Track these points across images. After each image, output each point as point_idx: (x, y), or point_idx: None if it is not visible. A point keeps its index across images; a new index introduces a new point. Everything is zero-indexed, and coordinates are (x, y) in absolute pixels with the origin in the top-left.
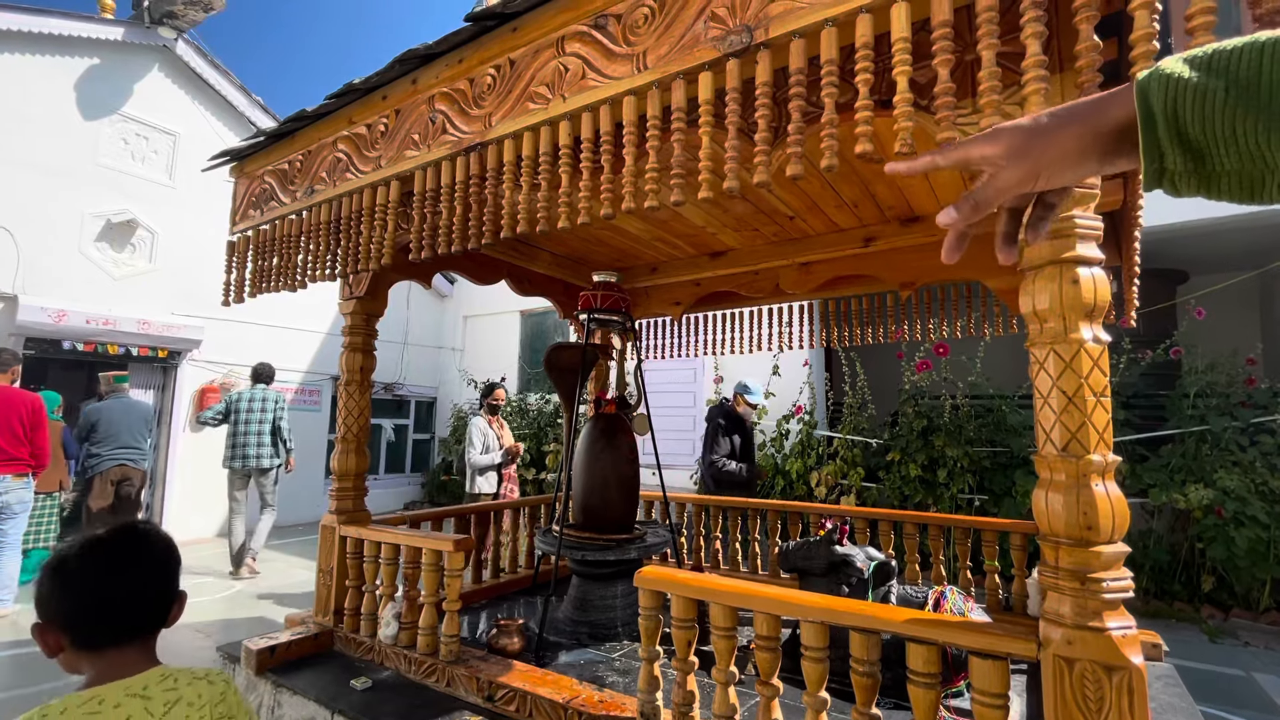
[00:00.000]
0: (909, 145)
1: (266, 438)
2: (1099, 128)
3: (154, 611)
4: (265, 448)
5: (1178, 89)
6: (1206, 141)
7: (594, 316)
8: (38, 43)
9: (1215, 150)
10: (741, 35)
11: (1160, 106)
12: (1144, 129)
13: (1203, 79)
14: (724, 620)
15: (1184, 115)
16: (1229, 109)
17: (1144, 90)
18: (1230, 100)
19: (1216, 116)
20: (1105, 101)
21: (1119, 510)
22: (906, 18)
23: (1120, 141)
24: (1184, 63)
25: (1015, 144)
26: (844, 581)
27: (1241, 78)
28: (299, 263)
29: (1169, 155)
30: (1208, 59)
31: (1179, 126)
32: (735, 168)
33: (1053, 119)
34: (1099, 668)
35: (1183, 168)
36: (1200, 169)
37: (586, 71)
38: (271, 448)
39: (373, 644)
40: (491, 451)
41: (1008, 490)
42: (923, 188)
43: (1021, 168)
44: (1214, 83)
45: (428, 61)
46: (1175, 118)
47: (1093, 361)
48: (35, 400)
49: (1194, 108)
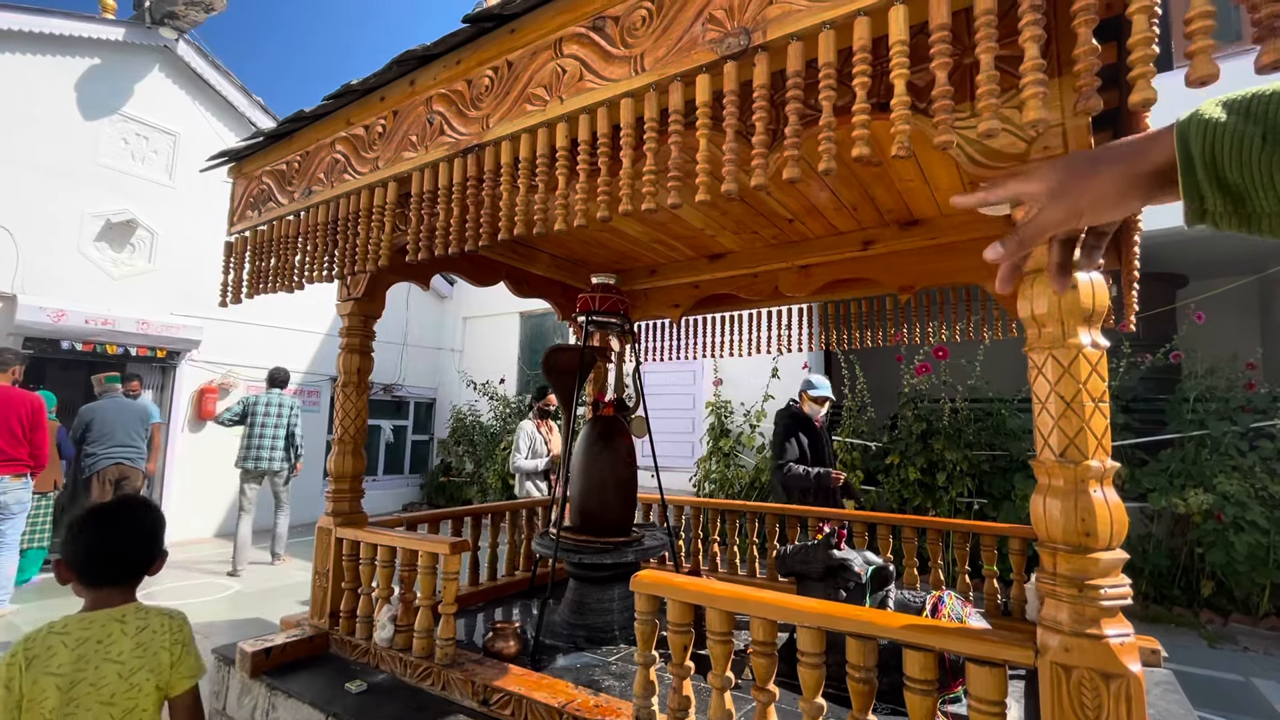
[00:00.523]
0: (906, 149)
1: (281, 441)
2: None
3: (137, 564)
4: (279, 451)
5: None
6: (1245, 185)
7: (592, 319)
8: (39, 43)
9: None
10: (739, 38)
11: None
12: (1184, 172)
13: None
14: (720, 625)
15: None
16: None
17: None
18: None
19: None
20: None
21: (1117, 516)
22: (904, 21)
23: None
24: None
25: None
26: (842, 586)
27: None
28: (296, 264)
29: (1209, 198)
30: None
31: (1217, 170)
32: (733, 170)
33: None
34: (1097, 675)
35: (1223, 209)
36: (1240, 210)
37: (584, 73)
38: (284, 451)
39: (368, 647)
40: (539, 457)
41: (1007, 494)
42: (922, 192)
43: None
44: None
45: (425, 63)
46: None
47: (1091, 367)
48: (35, 400)
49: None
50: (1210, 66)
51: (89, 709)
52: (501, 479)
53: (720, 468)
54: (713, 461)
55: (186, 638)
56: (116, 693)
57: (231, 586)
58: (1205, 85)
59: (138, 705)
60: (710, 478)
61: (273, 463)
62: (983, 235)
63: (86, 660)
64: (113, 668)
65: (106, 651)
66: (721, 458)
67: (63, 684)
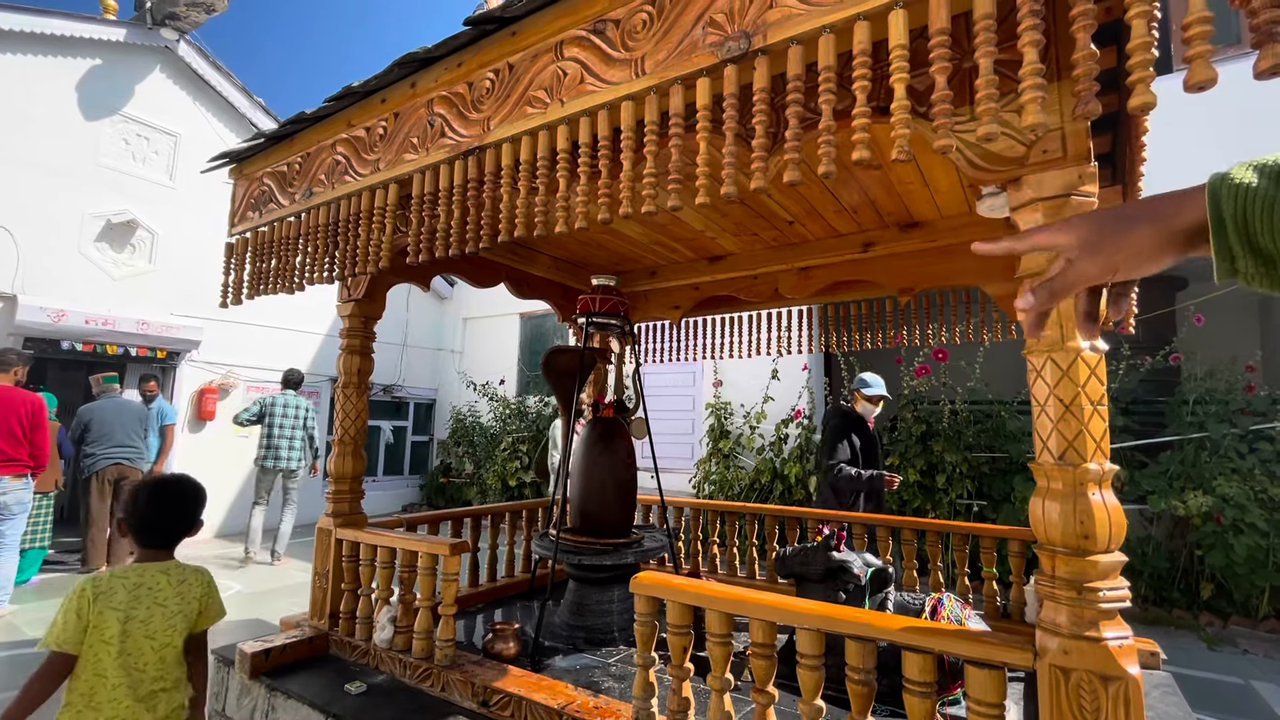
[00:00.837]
0: (906, 153)
1: (298, 442)
2: (1173, 228)
3: (179, 532)
4: (295, 451)
5: (1247, 197)
6: (1276, 249)
7: (592, 320)
8: (40, 43)
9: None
10: (739, 41)
11: (1230, 213)
12: (1215, 233)
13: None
14: (720, 627)
15: (1253, 224)
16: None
17: (1215, 196)
18: None
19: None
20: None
21: (1116, 519)
22: (904, 25)
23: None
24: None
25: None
26: (841, 588)
27: None
28: (297, 265)
29: (1240, 259)
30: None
31: (1248, 233)
32: (733, 173)
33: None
34: (1095, 678)
35: (1254, 270)
36: (1272, 272)
37: (585, 76)
38: (300, 451)
39: (368, 648)
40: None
41: (1006, 496)
42: (922, 195)
43: (1097, 262)
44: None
45: (426, 65)
46: (1245, 225)
47: (1089, 370)
48: (36, 400)
49: (1263, 217)
50: (1208, 71)
51: (136, 641)
52: (501, 480)
53: (720, 469)
54: (712, 463)
55: (214, 590)
56: (158, 630)
57: (231, 587)
58: (1203, 90)
59: (171, 642)
60: (710, 479)
61: (290, 462)
62: (982, 238)
63: (139, 601)
64: (159, 610)
65: (155, 597)
66: (721, 459)
67: (120, 618)
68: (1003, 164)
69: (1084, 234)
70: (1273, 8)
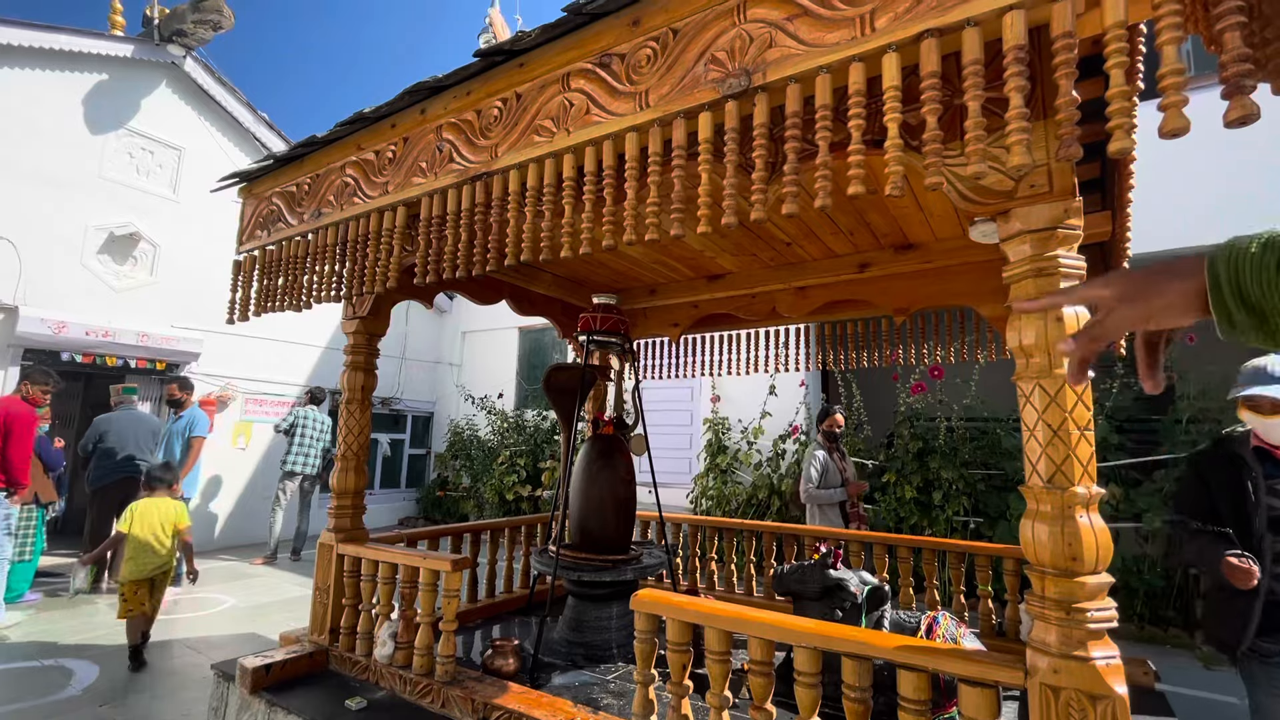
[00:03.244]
0: (900, 189)
1: (318, 451)
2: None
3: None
4: (314, 459)
5: (1240, 260)
6: (1265, 304)
7: (593, 338)
8: (47, 58)
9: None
10: (740, 79)
11: (1225, 274)
12: (1212, 291)
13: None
14: (718, 645)
15: (1245, 283)
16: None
17: (1213, 261)
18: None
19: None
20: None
21: (1103, 541)
22: (897, 67)
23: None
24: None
25: (1127, 291)
26: (838, 606)
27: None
28: (305, 283)
29: (1235, 314)
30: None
31: (1241, 291)
32: (734, 202)
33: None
34: (1084, 697)
35: (1247, 324)
36: (1264, 326)
37: (591, 107)
38: (317, 460)
39: (368, 664)
40: (833, 487)
41: (1002, 513)
42: (917, 218)
43: (1135, 311)
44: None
45: (436, 93)
46: (1238, 284)
47: (1077, 396)
48: (10, 412)
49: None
50: (1181, 120)
51: (151, 530)
52: (498, 494)
53: (718, 484)
54: (710, 478)
55: (183, 510)
56: (157, 525)
57: (225, 601)
58: (1177, 137)
59: (164, 530)
60: (707, 494)
61: (310, 468)
62: (976, 260)
63: (152, 511)
64: (159, 516)
65: (159, 510)
66: (719, 474)
67: (146, 519)
68: (992, 197)
69: (1122, 289)
70: (1241, 61)
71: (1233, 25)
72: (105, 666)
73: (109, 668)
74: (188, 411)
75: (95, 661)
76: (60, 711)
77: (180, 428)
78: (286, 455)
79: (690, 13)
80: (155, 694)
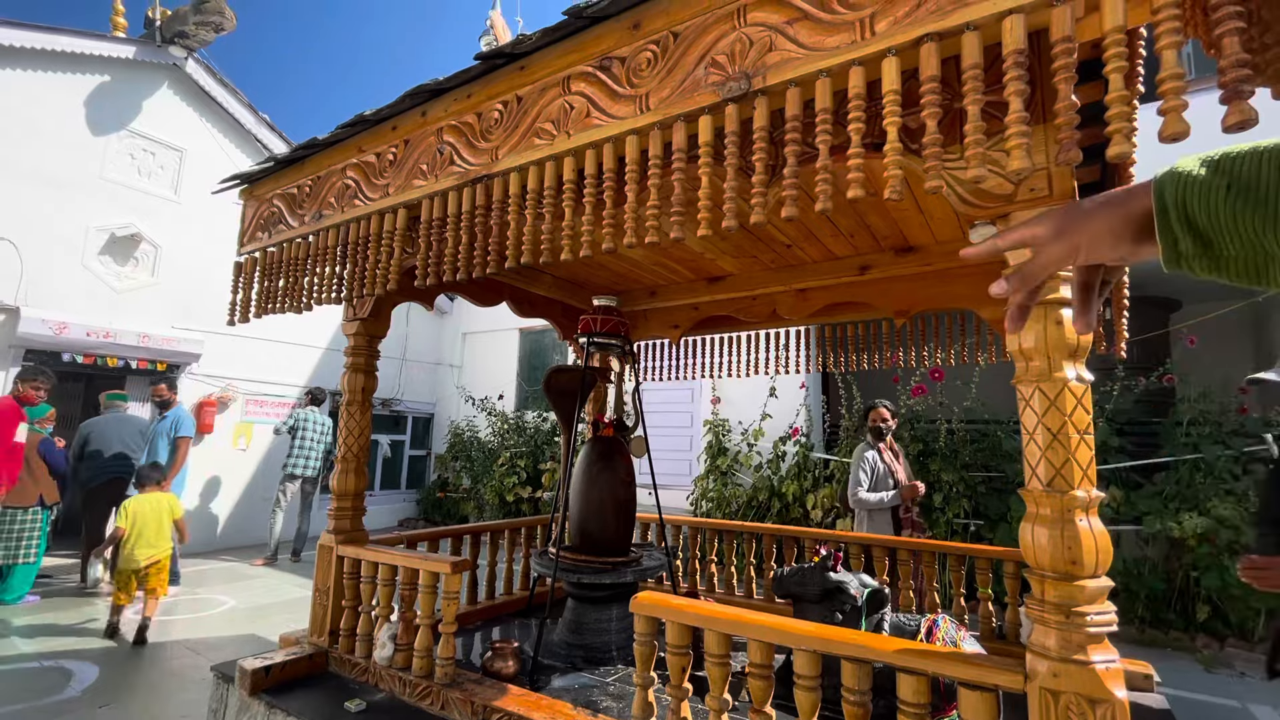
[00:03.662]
0: (899, 193)
1: (319, 452)
2: (1129, 213)
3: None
4: (315, 461)
5: (1187, 184)
6: (1212, 230)
7: (593, 340)
8: (50, 59)
9: (1220, 238)
10: (740, 82)
11: (1172, 198)
12: (1159, 216)
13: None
14: (718, 647)
15: (1192, 206)
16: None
17: (1160, 185)
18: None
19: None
20: (1134, 191)
21: (1102, 545)
22: (897, 71)
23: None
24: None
25: (1058, 225)
26: (838, 608)
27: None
28: (305, 285)
29: (1181, 240)
30: (1215, 161)
31: (1188, 215)
32: (734, 205)
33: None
34: (1083, 700)
35: (1193, 251)
36: (1209, 253)
37: (591, 110)
38: (318, 461)
39: (368, 665)
40: (882, 490)
41: (1003, 515)
42: (917, 220)
43: (1062, 244)
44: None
45: (437, 95)
46: (1184, 207)
47: (1076, 400)
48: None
49: (1200, 200)
50: (1181, 124)
51: (150, 522)
52: (499, 495)
53: (718, 486)
54: (710, 480)
55: (176, 499)
56: (152, 517)
57: (226, 602)
58: (1177, 141)
59: (164, 522)
60: (708, 496)
61: (310, 470)
62: (976, 262)
63: (146, 505)
64: (155, 509)
65: (154, 504)
66: (719, 476)
67: (144, 513)
68: (992, 200)
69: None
70: (1239, 66)
71: (1231, 30)
72: (105, 667)
73: (109, 668)
74: (172, 411)
75: (95, 662)
76: (60, 712)
77: (165, 427)
78: (288, 458)
79: (691, 16)
80: (155, 695)
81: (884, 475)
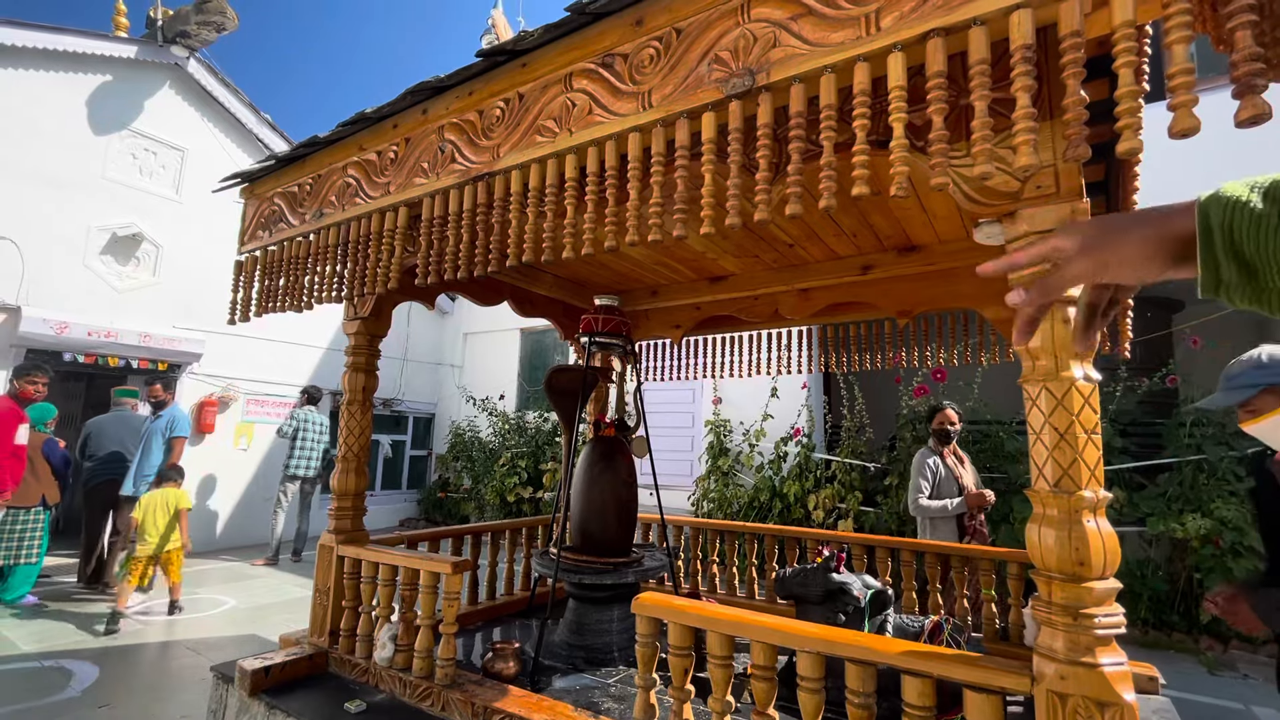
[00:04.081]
0: (905, 190)
1: (318, 452)
2: (1165, 235)
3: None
4: (314, 461)
5: (1235, 210)
6: (1259, 261)
7: (595, 339)
8: (52, 59)
9: (1267, 269)
10: (744, 78)
11: (1218, 224)
12: (1202, 242)
13: (1260, 205)
14: (721, 649)
15: (1239, 234)
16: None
17: (1204, 208)
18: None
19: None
20: (1173, 212)
21: (1110, 546)
22: (902, 66)
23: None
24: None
25: (1085, 240)
26: (841, 609)
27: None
28: (306, 284)
29: (1224, 268)
30: (1267, 189)
31: (1234, 244)
32: (737, 203)
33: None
34: (1091, 704)
35: (1236, 280)
36: (1253, 283)
37: (593, 107)
38: (317, 461)
39: (368, 666)
40: (946, 497)
41: (1005, 517)
42: (920, 220)
43: (1091, 260)
44: (1270, 209)
45: (438, 93)
46: (1231, 235)
47: (1084, 399)
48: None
49: (1249, 229)
50: (1191, 120)
51: (160, 514)
52: (499, 495)
53: (719, 487)
54: (711, 480)
55: (184, 492)
56: (161, 511)
57: (226, 602)
58: (1187, 137)
59: (170, 515)
60: (709, 497)
61: (309, 470)
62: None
63: (157, 499)
64: (162, 501)
65: (164, 498)
66: (720, 477)
67: (155, 506)
68: (998, 198)
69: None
70: (1252, 61)
71: (1244, 24)
72: (105, 667)
73: (109, 668)
74: (167, 410)
75: (95, 662)
76: (60, 712)
77: (160, 426)
78: (289, 459)
79: (694, 12)
80: (155, 695)
81: (947, 481)
